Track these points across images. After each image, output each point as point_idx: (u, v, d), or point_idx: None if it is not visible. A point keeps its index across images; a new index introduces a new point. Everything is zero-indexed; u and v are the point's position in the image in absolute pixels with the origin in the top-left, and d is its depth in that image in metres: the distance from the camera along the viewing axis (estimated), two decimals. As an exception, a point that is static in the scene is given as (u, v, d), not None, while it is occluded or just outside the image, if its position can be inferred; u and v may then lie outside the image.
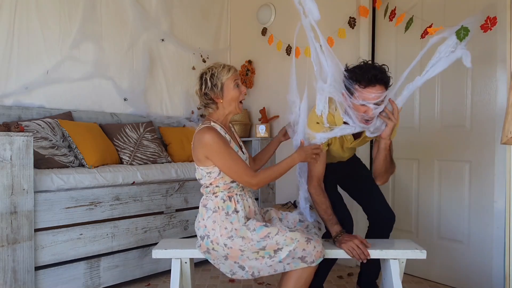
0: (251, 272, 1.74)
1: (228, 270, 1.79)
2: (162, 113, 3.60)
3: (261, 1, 3.71)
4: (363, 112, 1.75)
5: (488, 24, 2.24)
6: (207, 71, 1.81)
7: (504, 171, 2.31)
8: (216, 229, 1.76)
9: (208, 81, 1.79)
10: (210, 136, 1.71)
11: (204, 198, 1.86)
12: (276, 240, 1.69)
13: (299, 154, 1.79)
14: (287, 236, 1.68)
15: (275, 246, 1.69)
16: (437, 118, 2.70)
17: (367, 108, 1.73)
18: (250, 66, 3.85)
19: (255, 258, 1.72)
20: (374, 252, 1.89)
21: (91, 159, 2.58)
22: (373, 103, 1.72)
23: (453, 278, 2.61)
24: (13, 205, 2.02)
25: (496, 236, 2.37)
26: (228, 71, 1.80)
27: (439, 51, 1.83)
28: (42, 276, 2.18)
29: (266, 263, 1.71)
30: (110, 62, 3.25)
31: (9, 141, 2.00)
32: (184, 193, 2.86)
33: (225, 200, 1.79)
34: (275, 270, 1.72)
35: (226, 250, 1.73)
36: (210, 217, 1.78)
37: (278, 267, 1.71)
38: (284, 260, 1.69)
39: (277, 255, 1.69)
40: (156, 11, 3.52)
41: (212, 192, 1.82)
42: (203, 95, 1.82)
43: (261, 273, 1.74)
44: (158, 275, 2.76)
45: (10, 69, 2.76)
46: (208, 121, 1.83)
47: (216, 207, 1.79)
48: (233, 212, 1.78)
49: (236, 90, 1.82)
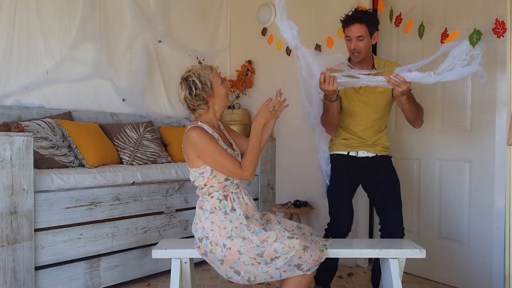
0: (247, 278, 1.74)
1: (224, 274, 1.79)
2: (161, 113, 3.61)
3: (261, 1, 3.71)
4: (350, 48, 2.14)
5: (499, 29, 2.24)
6: (191, 74, 1.81)
7: (504, 171, 2.30)
8: (215, 229, 1.76)
9: (198, 82, 1.79)
10: (196, 134, 1.74)
11: (200, 200, 1.86)
12: (274, 248, 1.69)
13: (260, 116, 1.83)
14: (285, 244, 1.69)
15: (273, 253, 1.69)
16: (437, 118, 2.70)
17: (350, 43, 2.13)
18: (250, 66, 3.85)
19: (251, 264, 1.71)
20: (374, 251, 1.89)
21: (91, 159, 2.58)
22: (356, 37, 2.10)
23: (453, 278, 2.61)
24: (13, 205, 2.02)
25: (496, 236, 2.36)
26: (211, 70, 1.84)
27: (452, 55, 1.84)
28: (42, 276, 2.18)
29: (262, 269, 1.71)
30: (109, 63, 3.25)
31: (9, 141, 2.00)
32: (184, 193, 2.86)
33: (221, 199, 1.80)
34: (271, 277, 1.72)
35: (225, 251, 1.73)
36: (208, 218, 1.79)
37: (274, 274, 1.71)
38: (281, 268, 1.69)
39: (273, 262, 1.70)
40: (154, 12, 3.52)
41: (207, 193, 1.83)
42: (193, 98, 1.81)
43: (257, 279, 1.74)
44: (158, 275, 2.76)
45: (10, 69, 2.76)
46: (196, 122, 1.86)
47: (212, 208, 1.79)
48: (231, 211, 1.78)
49: (223, 86, 1.87)
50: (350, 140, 2.28)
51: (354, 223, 2.97)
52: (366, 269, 2.97)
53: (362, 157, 2.25)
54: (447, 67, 1.83)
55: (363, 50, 2.14)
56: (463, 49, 1.81)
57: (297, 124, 3.25)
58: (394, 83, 1.91)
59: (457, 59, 1.81)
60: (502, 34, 2.23)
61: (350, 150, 2.27)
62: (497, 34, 2.26)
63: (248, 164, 1.77)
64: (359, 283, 2.69)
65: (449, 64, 1.83)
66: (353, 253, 1.95)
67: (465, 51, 1.80)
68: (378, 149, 2.26)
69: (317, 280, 2.40)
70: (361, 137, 2.25)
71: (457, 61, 1.81)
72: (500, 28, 2.24)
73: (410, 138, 2.86)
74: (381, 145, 2.27)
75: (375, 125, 2.25)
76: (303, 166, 3.37)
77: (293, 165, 3.48)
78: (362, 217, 3.04)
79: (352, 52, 2.17)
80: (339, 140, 2.32)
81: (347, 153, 2.28)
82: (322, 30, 3.12)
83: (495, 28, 2.26)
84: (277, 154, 3.65)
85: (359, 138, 2.25)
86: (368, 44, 2.16)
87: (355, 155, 2.26)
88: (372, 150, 2.25)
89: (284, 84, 3.42)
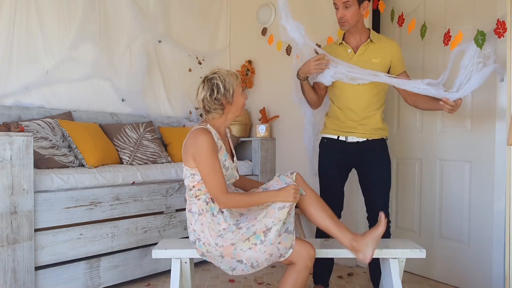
0: (250, 264, 1.75)
1: (228, 267, 1.80)
2: (161, 113, 3.61)
3: (261, 1, 3.71)
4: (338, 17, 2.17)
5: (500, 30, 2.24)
6: (217, 77, 1.81)
7: (504, 171, 2.30)
8: (205, 231, 1.77)
9: (222, 87, 1.80)
10: (204, 139, 1.74)
11: (188, 203, 1.87)
12: (265, 223, 1.72)
13: (282, 197, 1.73)
14: (275, 217, 1.72)
15: (264, 228, 1.72)
16: (438, 118, 2.70)
17: (338, 12, 2.16)
18: (250, 66, 3.85)
19: (249, 248, 1.73)
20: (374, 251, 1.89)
21: (91, 159, 2.58)
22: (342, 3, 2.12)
23: (453, 277, 2.61)
24: (13, 205, 2.02)
25: (496, 236, 2.36)
26: (236, 78, 1.85)
27: (463, 66, 1.84)
28: (42, 276, 2.18)
29: (260, 249, 1.72)
30: (109, 63, 3.24)
31: (9, 141, 2.00)
32: (184, 193, 2.85)
33: (208, 202, 1.80)
34: (270, 255, 1.73)
35: (219, 249, 1.75)
36: (198, 220, 1.80)
37: (272, 250, 1.72)
38: (275, 241, 1.71)
39: (267, 237, 1.71)
40: (154, 12, 3.52)
41: (194, 196, 1.84)
42: (212, 101, 1.81)
43: (259, 262, 1.74)
44: (158, 275, 2.76)
45: (10, 69, 2.76)
46: (205, 123, 1.85)
47: (200, 210, 1.80)
48: (218, 213, 1.78)
49: (243, 96, 1.89)
50: (340, 118, 2.24)
51: (354, 223, 2.99)
52: (366, 269, 2.96)
53: (351, 142, 2.23)
54: (463, 80, 1.83)
55: (350, 19, 2.14)
56: (472, 55, 1.80)
57: (297, 124, 3.26)
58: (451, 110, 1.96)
59: (470, 65, 1.80)
60: (503, 34, 2.24)
61: (340, 134, 2.25)
62: (498, 35, 2.26)
63: (231, 201, 1.75)
64: (359, 283, 2.69)
65: (465, 76, 1.82)
66: (353, 253, 1.95)
67: (475, 55, 1.79)
68: (368, 130, 2.21)
69: (315, 279, 2.40)
70: (352, 109, 2.20)
71: (471, 68, 1.80)
72: (501, 28, 2.24)
73: (411, 138, 2.86)
74: (372, 126, 2.21)
75: (367, 100, 2.19)
76: (302, 166, 3.36)
77: (293, 165, 3.47)
78: (362, 217, 3.04)
79: (339, 21, 2.18)
80: (330, 120, 2.31)
81: (337, 137, 2.27)
82: (322, 30, 3.12)
83: (496, 28, 2.26)
84: (277, 154, 3.65)
85: (350, 111, 2.21)
86: (356, 13, 2.14)
87: (345, 139, 2.24)
88: (362, 132, 2.21)
89: (284, 84, 3.44)
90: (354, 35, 2.24)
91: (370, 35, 2.23)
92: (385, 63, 2.19)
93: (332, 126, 2.30)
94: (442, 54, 2.60)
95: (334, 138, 2.28)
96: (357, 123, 2.21)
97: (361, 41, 2.23)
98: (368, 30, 2.26)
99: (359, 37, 2.23)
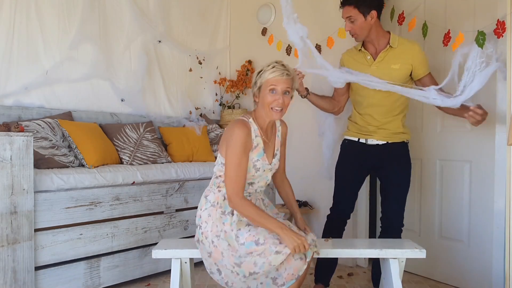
0: (226, 281, 1.74)
1: (209, 268, 1.79)
2: (161, 113, 3.60)
3: (261, 1, 3.71)
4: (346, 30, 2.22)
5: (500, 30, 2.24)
6: (263, 67, 1.78)
7: (504, 171, 2.30)
8: (208, 222, 1.75)
9: (256, 77, 1.79)
10: (238, 133, 1.69)
11: (208, 189, 1.85)
12: (254, 261, 1.62)
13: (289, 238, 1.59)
14: (268, 260, 1.60)
15: (252, 267, 1.62)
16: (438, 118, 2.70)
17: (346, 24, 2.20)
18: (250, 66, 3.85)
19: (231, 271, 1.69)
20: (374, 251, 1.89)
21: (91, 159, 2.58)
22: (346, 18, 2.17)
23: (453, 277, 2.61)
24: (13, 205, 2.02)
25: (496, 236, 2.36)
26: (272, 73, 1.72)
27: (468, 68, 1.84)
28: (42, 276, 2.18)
29: (240, 279, 1.70)
30: (108, 63, 3.24)
31: (9, 141, 2.00)
32: (184, 193, 2.86)
33: (225, 198, 1.77)
34: (248, 287, 1.71)
35: (212, 247, 1.73)
36: (207, 209, 1.78)
37: (252, 284, 1.70)
38: (258, 279, 1.68)
39: (251, 276, 1.65)
40: (153, 12, 3.52)
41: (217, 185, 1.81)
42: (252, 89, 1.82)
43: (234, 285, 1.73)
44: (158, 275, 2.76)
45: (10, 69, 2.75)
46: (249, 116, 1.82)
47: (215, 202, 1.78)
48: (228, 214, 1.75)
49: (269, 95, 1.73)
50: (360, 122, 2.27)
51: (355, 223, 2.99)
52: (366, 269, 2.97)
53: (371, 144, 2.24)
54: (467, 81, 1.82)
55: (358, 31, 2.16)
56: (475, 55, 1.80)
57: (297, 125, 3.25)
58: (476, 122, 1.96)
59: (474, 66, 1.80)
60: (502, 34, 2.24)
61: (361, 137, 2.27)
62: (497, 35, 2.26)
63: (241, 206, 1.68)
64: (359, 283, 2.69)
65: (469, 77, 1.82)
66: (353, 253, 1.95)
67: (478, 55, 1.79)
68: (388, 134, 2.21)
69: (316, 278, 2.40)
70: (372, 115, 2.22)
71: (475, 68, 1.80)
72: (500, 29, 2.24)
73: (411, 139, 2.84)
74: (393, 130, 2.21)
75: (387, 106, 2.19)
76: (303, 166, 3.36)
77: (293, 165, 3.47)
78: (362, 217, 3.04)
79: (350, 34, 2.22)
80: (352, 123, 2.34)
81: (358, 140, 2.29)
82: (322, 30, 3.12)
83: (496, 29, 2.26)
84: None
85: (370, 116, 2.23)
86: (364, 24, 2.13)
87: (365, 142, 2.26)
88: (382, 135, 2.22)
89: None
90: (371, 42, 2.22)
91: (390, 40, 2.19)
92: (406, 68, 2.16)
93: (353, 129, 2.32)
94: (442, 54, 2.60)
95: (355, 140, 2.31)
96: (377, 128, 2.23)
97: (380, 47, 2.20)
98: (388, 33, 2.22)
99: (377, 43, 2.21)
